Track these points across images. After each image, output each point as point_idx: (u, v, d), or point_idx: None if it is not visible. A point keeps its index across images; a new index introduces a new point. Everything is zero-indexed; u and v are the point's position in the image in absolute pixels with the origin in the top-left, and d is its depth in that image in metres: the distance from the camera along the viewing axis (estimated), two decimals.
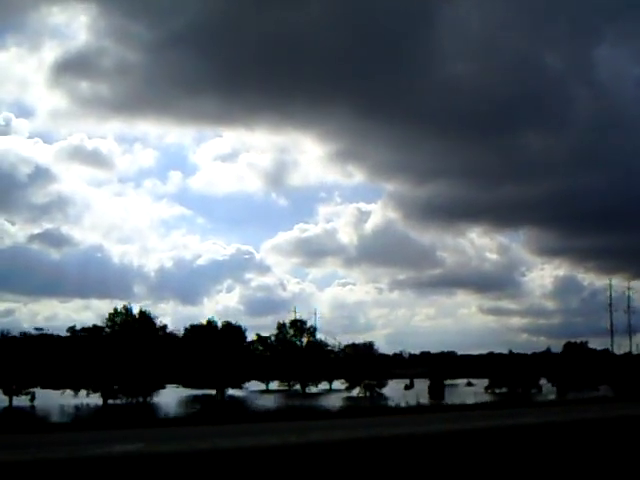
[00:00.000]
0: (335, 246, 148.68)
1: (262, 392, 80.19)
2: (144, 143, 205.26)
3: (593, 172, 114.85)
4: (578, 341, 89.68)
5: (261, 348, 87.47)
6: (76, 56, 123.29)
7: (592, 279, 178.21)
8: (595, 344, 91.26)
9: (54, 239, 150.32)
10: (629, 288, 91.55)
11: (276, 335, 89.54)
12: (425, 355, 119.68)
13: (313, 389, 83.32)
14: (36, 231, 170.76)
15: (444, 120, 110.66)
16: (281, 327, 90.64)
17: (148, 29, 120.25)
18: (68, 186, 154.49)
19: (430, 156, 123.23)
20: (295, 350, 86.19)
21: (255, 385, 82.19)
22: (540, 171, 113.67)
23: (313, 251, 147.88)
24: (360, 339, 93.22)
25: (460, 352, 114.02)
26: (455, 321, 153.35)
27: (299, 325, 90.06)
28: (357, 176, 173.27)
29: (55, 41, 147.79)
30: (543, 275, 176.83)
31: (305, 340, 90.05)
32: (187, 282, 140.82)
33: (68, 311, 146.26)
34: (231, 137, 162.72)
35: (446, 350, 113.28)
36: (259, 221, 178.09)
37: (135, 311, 64.66)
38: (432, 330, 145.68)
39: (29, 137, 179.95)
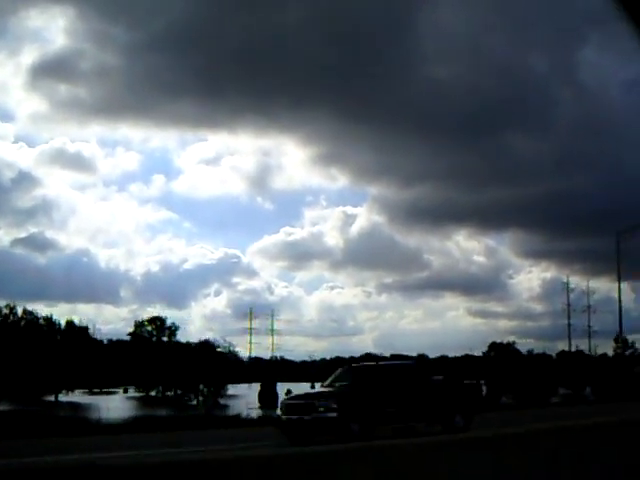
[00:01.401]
0: (321, 250, 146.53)
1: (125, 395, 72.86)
2: (126, 147, 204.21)
3: (578, 175, 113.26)
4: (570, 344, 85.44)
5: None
6: (54, 59, 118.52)
7: (579, 281, 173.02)
8: (584, 345, 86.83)
9: (39, 243, 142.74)
10: (588, 287, 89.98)
11: (131, 334, 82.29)
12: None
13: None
14: (20, 235, 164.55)
15: (428, 123, 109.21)
16: (139, 325, 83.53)
17: (127, 31, 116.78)
18: (52, 190, 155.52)
19: (414, 159, 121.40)
20: (152, 350, 79.07)
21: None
22: (525, 174, 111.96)
23: (299, 255, 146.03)
24: (349, 342, 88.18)
25: (451, 354, 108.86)
26: (443, 323, 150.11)
27: (158, 324, 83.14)
28: (341, 179, 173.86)
29: (33, 44, 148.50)
30: (530, 278, 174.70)
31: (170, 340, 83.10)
32: (174, 286, 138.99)
33: (54, 316, 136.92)
34: (214, 140, 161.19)
35: (437, 353, 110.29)
36: (245, 225, 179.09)
37: None
38: (420, 333, 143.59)
39: (14, 142, 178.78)
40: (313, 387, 73.95)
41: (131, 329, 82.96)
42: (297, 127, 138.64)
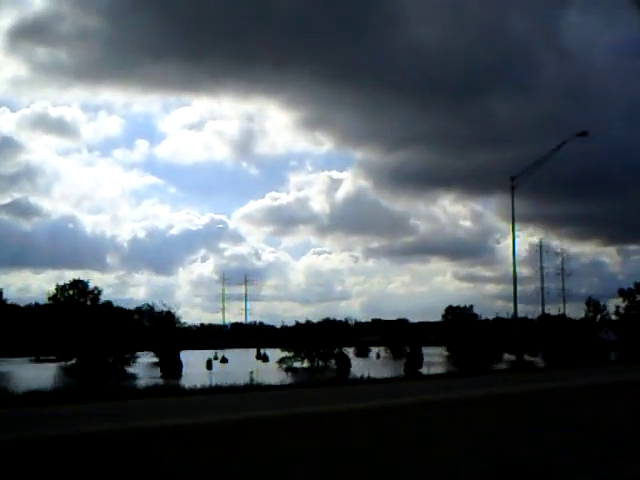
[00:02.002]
0: (307, 215, 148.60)
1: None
2: (109, 111, 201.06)
3: (561, 139, 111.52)
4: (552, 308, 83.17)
5: None
6: (34, 22, 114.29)
7: (566, 246, 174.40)
8: (570, 309, 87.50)
9: (23, 209, 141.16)
10: (562, 249, 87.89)
11: (51, 297, 76.18)
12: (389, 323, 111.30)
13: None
14: (4, 201, 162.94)
15: (412, 86, 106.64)
16: (60, 289, 77.43)
17: None
18: (35, 155, 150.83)
19: (398, 123, 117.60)
20: (69, 316, 73.04)
21: None
22: (510, 138, 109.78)
23: (285, 220, 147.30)
24: (337, 307, 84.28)
25: (428, 320, 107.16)
26: (431, 288, 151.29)
27: (80, 287, 77.18)
28: (326, 144, 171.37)
29: (12, 7, 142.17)
30: (517, 242, 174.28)
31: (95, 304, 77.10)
32: (161, 252, 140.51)
33: (41, 282, 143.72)
34: (197, 105, 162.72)
35: (423, 318, 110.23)
36: (230, 190, 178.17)
37: None
38: (408, 297, 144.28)
39: None
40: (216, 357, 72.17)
41: (50, 294, 77.02)
42: (280, 90, 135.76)
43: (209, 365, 60.94)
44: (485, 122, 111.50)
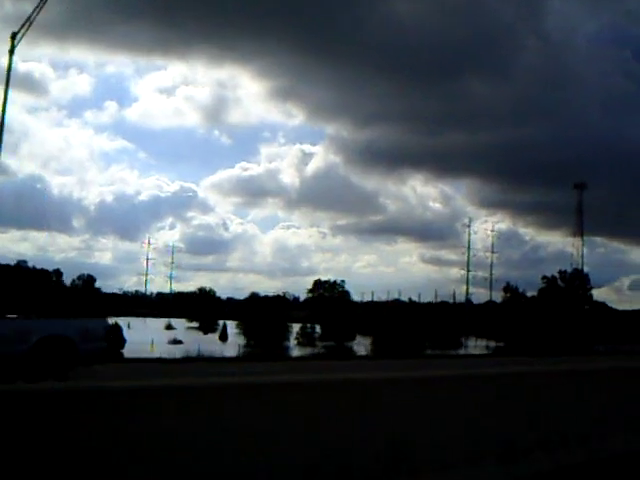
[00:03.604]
0: (277, 187, 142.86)
1: None
2: (79, 69, 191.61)
3: (537, 125, 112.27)
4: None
5: None
6: None
7: (533, 234, 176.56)
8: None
9: None
10: (492, 230, 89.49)
11: None
12: None
13: None
14: None
15: (388, 63, 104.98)
16: None
17: None
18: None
19: (371, 99, 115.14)
20: None
21: None
22: (484, 120, 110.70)
23: (254, 191, 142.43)
24: (303, 282, 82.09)
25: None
26: (396, 269, 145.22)
27: None
28: (298, 116, 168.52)
29: None
30: (486, 228, 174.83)
31: None
32: (128, 218, 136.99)
33: (4, 242, 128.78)
34: (170, 69, 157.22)
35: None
36: (201, 158, 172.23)
37: None
38: (373, 277, 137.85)
39: None
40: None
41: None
42: (253, 59, 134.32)
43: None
44: (460, 103, 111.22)
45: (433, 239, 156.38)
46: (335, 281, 70.57)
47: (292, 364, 29.35)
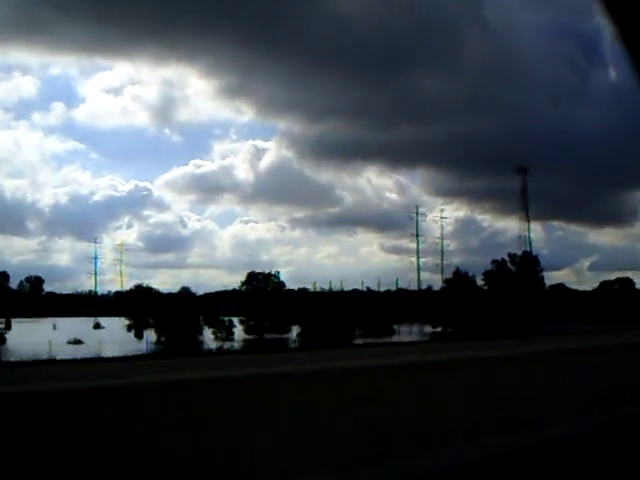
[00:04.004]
0: (232, 183, 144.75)
1: None
2: (23, 71, 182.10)
3: (486, 116, 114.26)
4: None
5: None
6: None
7: (491, 220, 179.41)
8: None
9: None
10: (442, 217, 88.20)
11: None
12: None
13: None
14: None
15: (336, 57, 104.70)
16: None
17: None
18: None
19: (321, 94, 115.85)
20: None
21: None
22: (433, 112, 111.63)
23: (209, 188, 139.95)
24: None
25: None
26: (357, 259, 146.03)
27: None
28: (248, 113, 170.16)
29: None
30: (435, 215, 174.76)
31: None
32: (84, 218, 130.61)
33: None
34: (114, 68, 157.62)
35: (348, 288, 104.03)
36: (153, 157, 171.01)
37: None
38: (335, 268, 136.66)
39: None
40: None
41: None
42: (198, 57, 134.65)
43: None
44: (409, 96, 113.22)
45: (391, 228, 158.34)
46: (270, 272, 68.49)
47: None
